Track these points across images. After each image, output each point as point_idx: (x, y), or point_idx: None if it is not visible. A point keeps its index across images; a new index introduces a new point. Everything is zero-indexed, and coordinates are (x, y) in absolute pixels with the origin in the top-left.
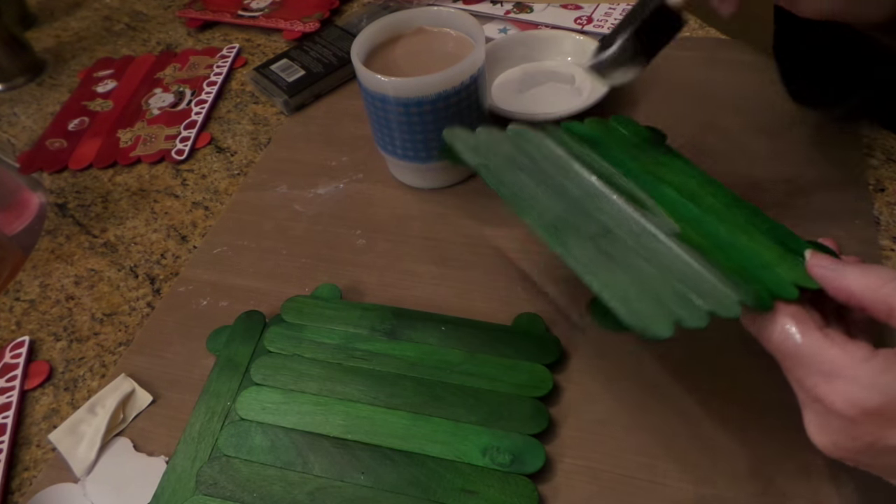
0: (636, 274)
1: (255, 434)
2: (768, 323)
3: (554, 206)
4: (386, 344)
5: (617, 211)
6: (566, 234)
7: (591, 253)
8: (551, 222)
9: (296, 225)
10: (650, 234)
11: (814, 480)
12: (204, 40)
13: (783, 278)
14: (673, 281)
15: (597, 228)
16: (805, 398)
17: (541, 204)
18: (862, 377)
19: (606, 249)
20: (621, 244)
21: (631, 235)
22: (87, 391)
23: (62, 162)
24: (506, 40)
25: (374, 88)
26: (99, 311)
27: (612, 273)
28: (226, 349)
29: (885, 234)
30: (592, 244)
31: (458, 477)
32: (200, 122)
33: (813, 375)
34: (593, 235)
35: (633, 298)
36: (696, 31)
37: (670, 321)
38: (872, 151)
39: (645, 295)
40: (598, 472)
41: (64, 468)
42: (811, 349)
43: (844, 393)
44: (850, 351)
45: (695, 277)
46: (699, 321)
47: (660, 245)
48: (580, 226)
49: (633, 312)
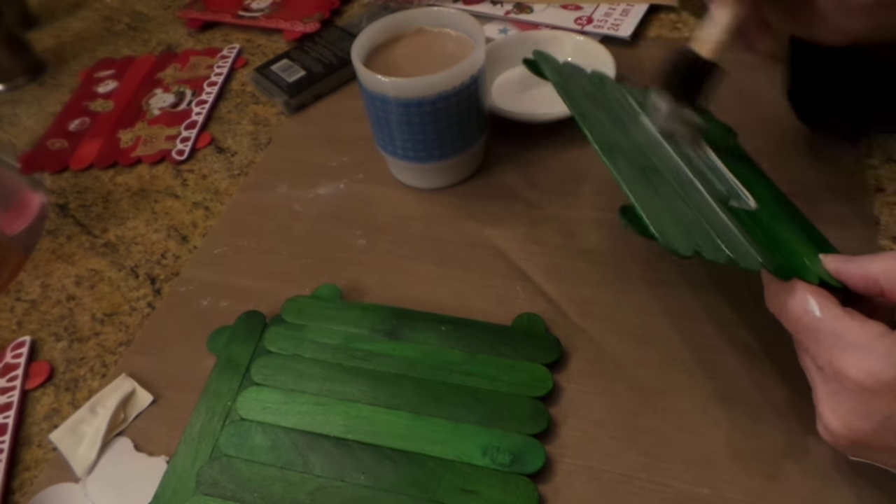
0: (673, 207)
1: (255, 434)
2: (789, 297)
3: (614, 135)
4: (386, 344)
5: (673, 163)
6: (617, 155)
7: (637, 175)
8: (609, 143)
9: (296, 225)
10: (697, 190)
11: (813, 481)
12: (204, 41)
13: (809, 268)
14: (706, 226)
15: (648, 164)
16: (818, 377)
17: (603, 128)
18: (880, 350)
19: (652, 180)
20: (667, 185)
21: (678, 183)
22: (87, 391)
23: (63, 162)
24: (506, 40)
25: (375, 89)
26: (99, 311)
27: (651, 195)
28: (226, 349)
29: (885, 234)
30: (640, 171)
31: (458, 477)
32: (201, 123)
33: (829, 349)
34: (643, 166)
35: (664, 219)
36: (696, 31)
37: (690, 246)
38: (872, 151)
39: (676, 221)
40: (598, 472)
41: (64, 468)
42: (830, 323)
43: (860, 364)
44: (867, 326)
45: (726, 231)
46: (718, 256)
47: (703, 200)
48: (633, 156)
49: (661, 225)
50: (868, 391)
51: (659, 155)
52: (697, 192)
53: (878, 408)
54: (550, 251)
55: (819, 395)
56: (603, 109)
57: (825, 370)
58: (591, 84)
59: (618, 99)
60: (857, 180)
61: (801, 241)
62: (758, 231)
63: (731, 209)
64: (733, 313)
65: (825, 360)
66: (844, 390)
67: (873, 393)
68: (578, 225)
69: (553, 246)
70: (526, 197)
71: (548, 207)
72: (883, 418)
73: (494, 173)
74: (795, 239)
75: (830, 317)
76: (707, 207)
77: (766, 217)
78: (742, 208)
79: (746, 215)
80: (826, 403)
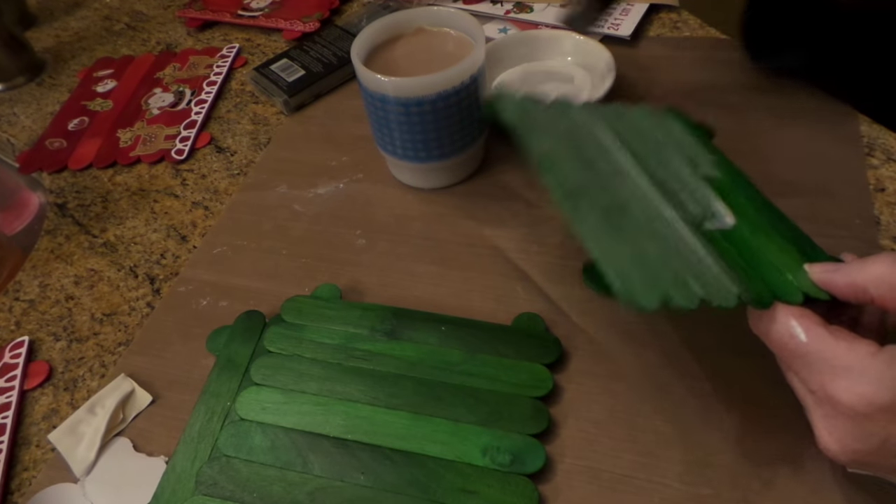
0: (639, 250)
1: (254, 434)
2: (773, 322)
3: (577, 175)
4: (386, 344)
5: (640, 192)
6: (580, 200)
7: (599, 222)
8: (569, 188)
9: (296, 225)
10: (666, 219)
11: (812, 481)
12: (204, 40)
13: (791, 284)
14: (675, 263)
15: (613, 202)
16: (810, 401)
17: (565, 168)
18: (870, 372)
19: (616, 223)
20: (633, 222)
21: (645, 217)
22: (86, 391)
23: (62, 162)
24: (506, 40)
25: (374, 88)
26: (99, 311)
27: (615, 244)
28: (226, 349)
29: (885, 233)
30: (603, 215)
31: (458, 477)
32: (200, 122)
33: (819, 374)
34: (607, 207)
35: (629, 269)
36: (696, 31)
37: (658, 296)
38: (872, 151)
39: (642, 269)
40: (598, 472)
41: (63, 468)
42: (816, 346)
43: (852, 388)
44: (856, 347)
45: (698, 265)
46: (689, 302)
47: (671, 231)
48: (597, 197)
49: (624, 280)
50: (862, 415)
51: (627, 184)
52: (667, 222)
53: (875, 431)
54: (550, 251)
55: (813, 418)
56: (566, 143)
57: (817, 394)
58: (554, 114)
59: (583, 125)
60: (857, 180)
61: (785, 252)
62: (735, 253)
63: (706, 233)
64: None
65: (816, 385)
66: (839, 415)
67: (868, 417)
68: None
69: (553, 246)
70: (526, 197)
71: (548, 207)
72: (880, 440)
73: (494, 173)
74: (778, 251)
75: (817, 340)
76: (678, 240)
77: (745, 232)
78: (718, 229)
79: (723, 237)
80: (822, 426)
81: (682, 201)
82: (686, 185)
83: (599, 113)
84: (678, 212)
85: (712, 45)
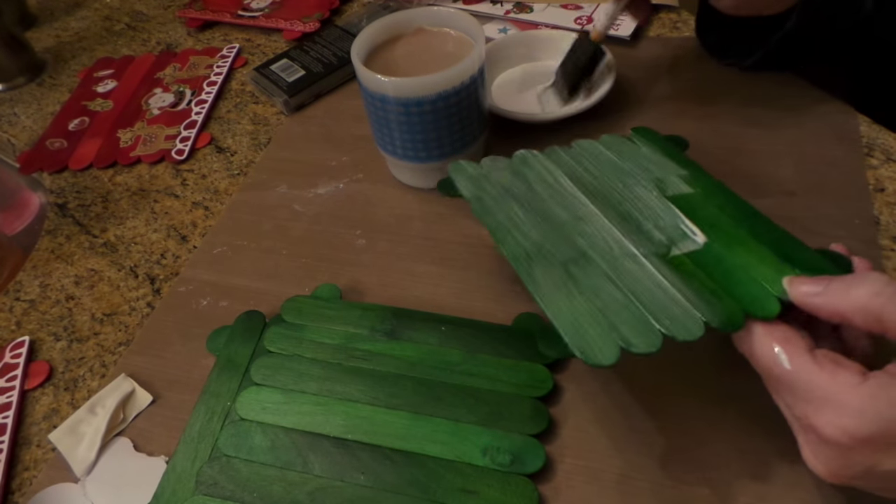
0: (598, 299)
1: (255, 434)
2: (758, 346)
3: (533, 234)
4: (386, 344)
5: (601, 234)
6: (536, 263)
7: (556, 280)
8: (526, 250)
9: (296, 225)
10: (629, 256)
11: (812, 482)
12: (204, 40)
13: (768, 293)
14: (635, 305)
15: (572, 254)
16: (797, 425)
17: (521, 231)
18: (852, 405)
19: (575, 274)
20: (593, 268)
21: (607, 258)
22: (87, 391)
23: (62, 162)
24: (506, 40)
25: (374, 88)
26: (99, 311)
27: (571, 300)
28: (226, 349)
29: (885, 233)
30: (562, 270)
31: (458, 477)
32: (200, 122)
33: (803, 403)
34: (565, 261)
35: (585, 324)
36: None
37: (616, 348)
38: (872, 151)
39: (599, 321)
40: (598, 472)
41: (64, 468)
42: (800, 375)
43: (834, 422)
44: (839, 377)
45: (661, 299)
46: (649, 347)
47: (635, 267)
48: (555, 252)
49: (580, 338)
50: (845, 447)
51: (584, 226)
52: (631, 259)
53: (858, 460)
54: None
55: (800, 441)
56: (522, 200)
57: (801, 421)
58: (512, 173)
59: (540, 176)
60: (857, 180)
61: (763, 261)
62: (703, 276)
63: (673, 261)
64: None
65: (801, 413)
66: (822, 443)
67: (851, 448)
68: None
69: None
70: None
71: None
72: (865, 469)
73: None
74: (757, 260)
75: (801, 370)
76: (643, 277)
77: (718, 248)
78: (688, 252)
79: (692, 260)
80: (808, 450)
81: (646, 231)
82: (652, 213)
83: (558, 157)
84: (643, 246)
85: None
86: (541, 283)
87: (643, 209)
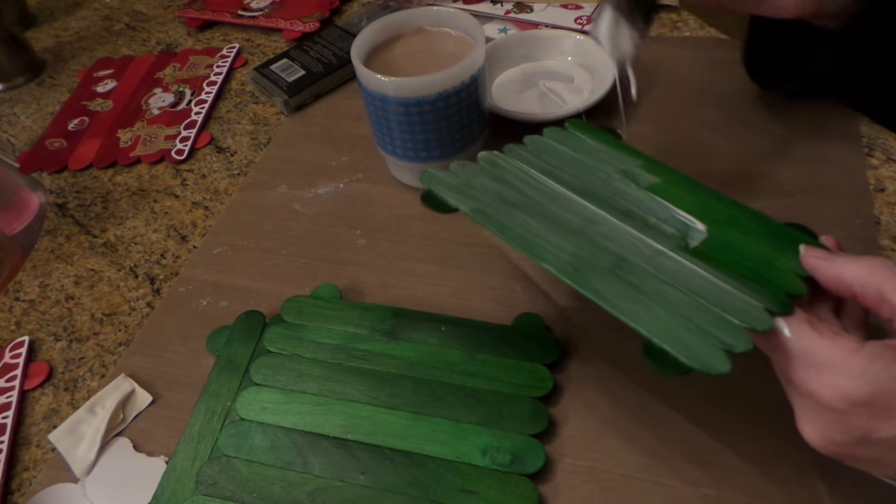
0: (669, 304)
1: (255, 434)
2: None
3: (563, 244)
4: (386, 344)
5: (620, 234)
6: (588, 274)
7: (618, 289)
8: (569, 263)
9: (296, 225)
10: (660, 254)
11: (812, 481)
12: (204, 40)
13: (787, 272)
14: (705, 304)
15: (611, 259)
16: (794, 394)
17: (550, 243)
18: (850, 368)
19: (630, 280)
20: (640, 272)
21: (645, 260)
22: (86, 391)
23: (62, 162)
24: (506, 40)
25: (374, 88)
26: (99, 311)
27: (649, 309)
28: (226, 349)
29: (885, 233)
30: (615, 278)
31: (458, 477)
32: (200, 122)
33: (802, 369)
34: (612, 268)
35: (678, 333)
36: (696, 31)
37: (722, 353)
38: (872, 151)
39: (690, 328)
40: (598, 472)
41: (64, 468)
42: (800, 342)
43: (833, 384)
44: (838, 343)
45: (720, 294)
46: (746, 345)
47: (674, 265)
48: (595, 260)
49: (688, 352)
50: (843, 411)
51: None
52: (664, 257)
53: (857, 425)
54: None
55: (797, 410)
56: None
57: (800, 388)
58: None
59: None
60: (857, 180)
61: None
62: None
63: (697, 253)
64: None
65: (799, 380)
66: (820, 408)
67: (847, 412)
68: None
69: None
70: None
71: None
72: (862, 434)
73: None
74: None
75: (801, 337)
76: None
77: (720, 235)
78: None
79: (710, 250)
80: (804, 419)
81: (653, 226)
82: (646, 207)
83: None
84: (662, 243)
85: (712, 45)
86: (608, 295)
87: (637, 204)
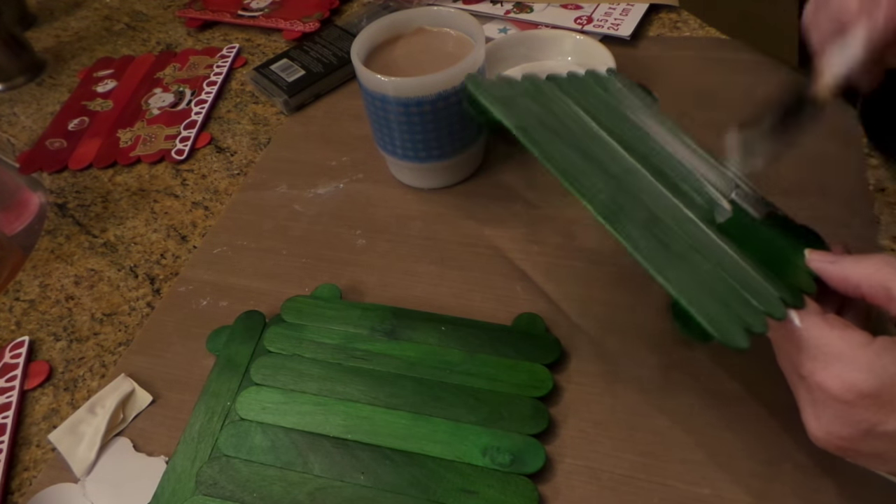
0: (696, 271)
1: (255, 434)
2: None
3: (602, 185)
4: (386, 344)
5: (655, 192)
6: (624, 222)
7: (652, 244)
8: (607, 206)
9: (296, 225)
10: (690, 221)
11: (812, 481)
12: (204, 40)
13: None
14: (728, 279)
15: (645, 214)
16: (801, 386)
17: (590, 181)
18: (859, 360)
19: (661, 238)
20: (671, 233)
21: (676, 222)
22: (86, 391)
23: (62, 162)
24: (506, 40)
25: (374, 88)
26: (99, 311)
27: (677, 270)
28: (226, 349)
29: (885, 233)
30: (648, 232)
31: (458, 477)
32: (200, 122)
33: (811, 360)
34: (646, 222)
35: (707, 303)
36: (696, 31)
37: (742, 329)
38: (872, 151)
39: (714, 297)
40: (598, 472)
41: (64, 468)
42: (810, 333)
43: (841, 376)
44: (848, 336)
45: (743, 274)
46: (762, 327)
47: (701, 234)
48: (631, 211)
49: (710, 320)
50: (850, 403)
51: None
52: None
53: (863, 417)
54: (550, 251)
55: (802, 403)
56: (568, 141)
57: (807, 380)
58: (533, 101)
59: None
60: (857, 180)
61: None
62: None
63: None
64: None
65: (807, 371)
66: (827, 401)
67: (854, 404)
68: (578, 225)
69: (553, 246)
70: (526, 197)
71: (548, 207)
72: (868, 426)
73: (494, 173)
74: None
75: (811, 326)
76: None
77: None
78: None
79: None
80: (809, 412)
81: (684, 193)
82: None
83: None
84: (692, 210)
85: (712, 45)
86: (643, 246)
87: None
